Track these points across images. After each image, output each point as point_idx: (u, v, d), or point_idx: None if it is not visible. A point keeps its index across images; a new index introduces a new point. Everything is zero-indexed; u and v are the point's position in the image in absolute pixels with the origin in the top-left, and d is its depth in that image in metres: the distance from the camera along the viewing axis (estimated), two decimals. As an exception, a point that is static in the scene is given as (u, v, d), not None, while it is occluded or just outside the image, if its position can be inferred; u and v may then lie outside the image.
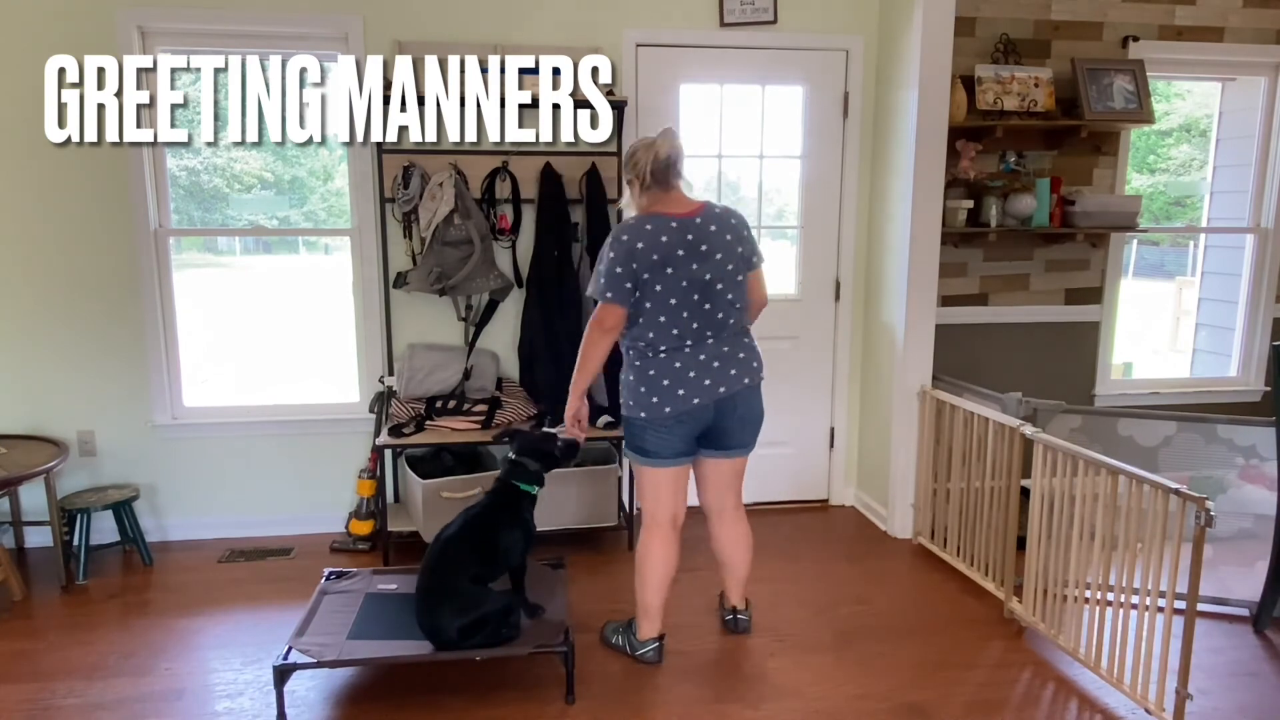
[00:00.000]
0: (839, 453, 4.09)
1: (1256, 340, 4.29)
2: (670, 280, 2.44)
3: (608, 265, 2.46)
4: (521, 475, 2.65)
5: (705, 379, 2.49)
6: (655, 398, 2.49)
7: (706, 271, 2.46)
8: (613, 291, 2.45)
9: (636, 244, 2.43)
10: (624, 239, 2.45)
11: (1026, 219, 3.77)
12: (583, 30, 3.56)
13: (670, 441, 2.54)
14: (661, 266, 2.43)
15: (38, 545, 3.54)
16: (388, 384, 3.56)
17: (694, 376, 2.48)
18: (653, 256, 2.43)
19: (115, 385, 3.53)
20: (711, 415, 2.53)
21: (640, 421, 2.53)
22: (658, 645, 2.68)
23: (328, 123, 2.87)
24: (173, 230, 3.56)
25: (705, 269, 2.46)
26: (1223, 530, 3.31)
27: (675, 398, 2.48)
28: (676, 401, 2.48)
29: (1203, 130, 6.15)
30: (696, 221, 2.48)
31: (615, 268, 2.44)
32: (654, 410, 2.49)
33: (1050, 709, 2.45)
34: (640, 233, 2.44)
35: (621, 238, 2.46)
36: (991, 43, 3.79)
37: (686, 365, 2.48)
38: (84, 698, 2.49)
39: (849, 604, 3.09)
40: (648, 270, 2.43)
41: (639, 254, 2.43)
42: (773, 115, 3.79)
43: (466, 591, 2.44)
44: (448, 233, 3.39)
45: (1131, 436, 3.28)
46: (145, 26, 3.35)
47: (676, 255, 2.44)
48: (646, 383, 2.50)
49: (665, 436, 2.53)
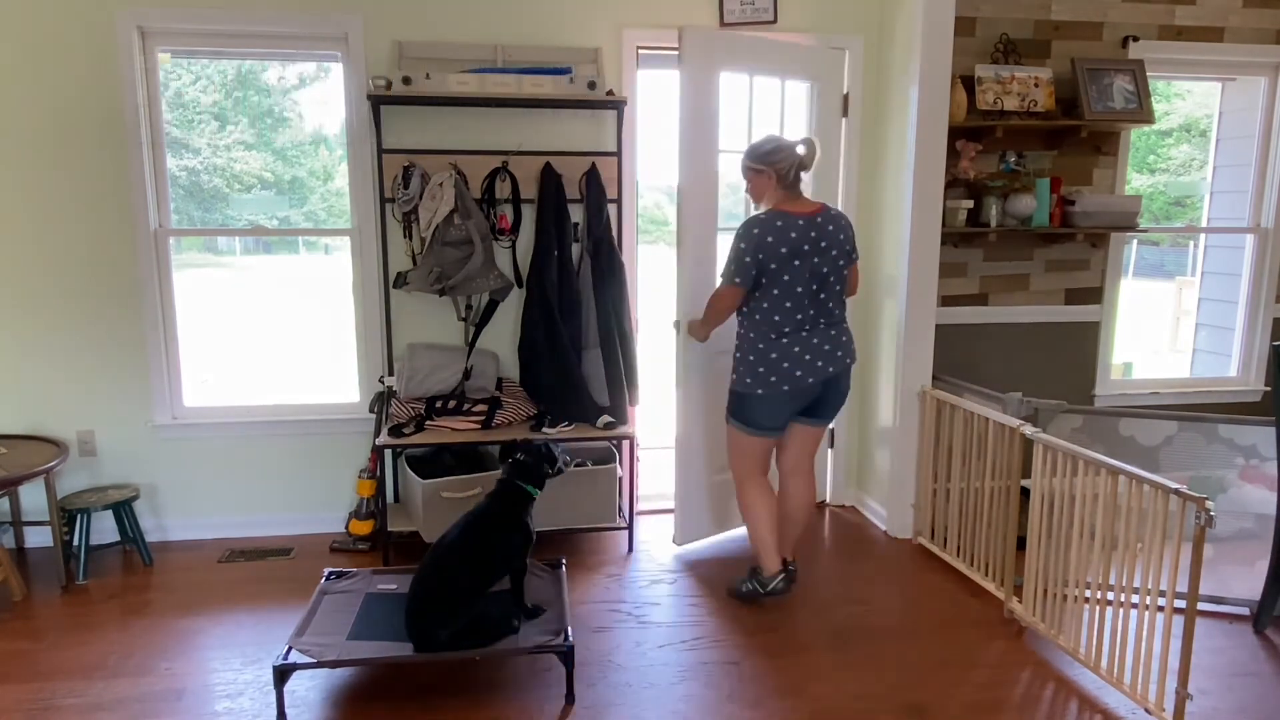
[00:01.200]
0: (839, 453, 4.09)
1: (1256, 340, 4.29)
2: (796, 271, 2.78)
3: (739, 253, 2.79)
4: (524, 475, 2.67)
5: (817, 360, 2.84)
6: (773, 376, 2.83)
7: (824, 265, 2.82)
8: (740, 277, 2.80)
9: (767, 238, 2.76)
10: (756, 232, 2.77)
11: (1026, 219, 3.77)
12: (583, 30, 3.56)
13: (776, 415, 2.91)
14: (790, 259, 2.77)
15: (38, 545, 3.55)
16: (388, 384, 3.56)
17: (808, 358, 2.83)
18: (782, 250, 2.76)
19: (115, 385, 3.53)
20: (817, 391, 2.89)
21: (755, 397, 2.87)
22: (784, 574, 3.03)
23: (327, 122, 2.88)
24: (173, 230, 3.56)
25: (823, 263, 2.82)
26: (1223, 530, 3.32)
27: (792, 377, 2.83)
28: (793, 380, 2.83)
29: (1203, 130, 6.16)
30: (818, 220, 2.82)
31: (745, 257, 2.78)
32: (771, 387, 2.84)
33: (1050, 709, 2.45)
34: (773, 228, 2.77)
35: (754, 231, 2.78)
36: (991, 43, 3.79)
37: (803, 348, 2.83)
38: (84, 698, 2.49)
39: (849, 604, 3.09)
40: (775, 261, 2.77)
41: (768, 247, 2.76)
42: (773, 115, 3.78)
43: (457, 601, 2.45)
44: (448, 233, 3.39)
45: (1132, 436, 3.28)
46: (145, 26, 3.35)
47: (803, 250, 2.78)
48: (765, 362, 2.83)
49: (774, 411, 2.89)
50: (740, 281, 2.81)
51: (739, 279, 2.81)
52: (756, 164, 2.87)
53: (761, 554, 3.02)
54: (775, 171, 2.84)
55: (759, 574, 3.04)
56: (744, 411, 2.93)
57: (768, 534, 3.01)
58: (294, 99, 9.86)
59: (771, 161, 2.84)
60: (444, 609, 2.43)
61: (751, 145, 2.92)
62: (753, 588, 3.05)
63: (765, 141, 2.89)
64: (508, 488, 2.67)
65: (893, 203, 3.65)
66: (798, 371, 2.83)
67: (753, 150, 2.89)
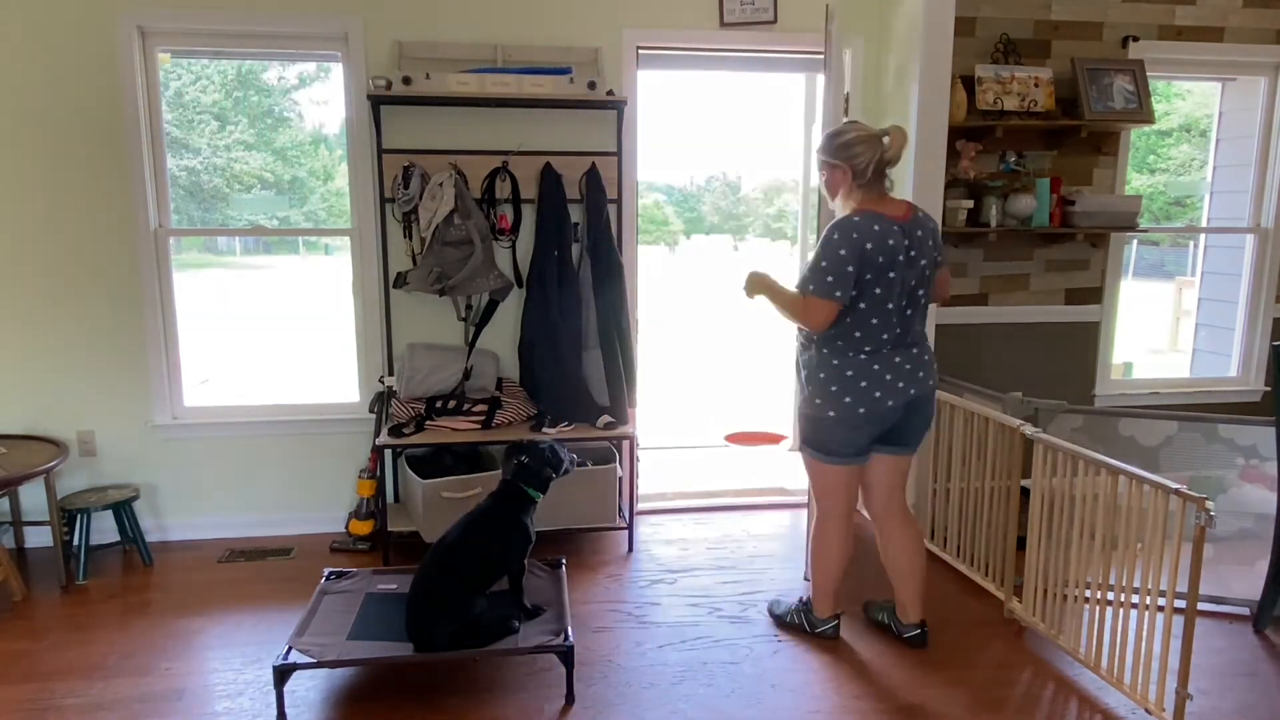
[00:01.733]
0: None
1: (1256, 340, 4.29)
2: (889, 284, 2.43)
3: (838, 260, 2.39)
4: (527, 478, 2.67)
5: (899, 381, 2.51)
6: (849, 397, 2.49)
7: (913, 277, 2.47)
8: (841, 290, 2.40)
9: (866, 244, 2.38)
10: (855, 237, 2.38)
11: (1026, 219, 3.77)
12: (583, 30, 3.56)
13: (856, 440, 2.57)
14: (885, 270, 2.41)
15: (38, 545, 3.54)
16: (388, 384, 3.56)
17: (889, 379, 2.50)
18: (879, 259, 2.40)
19: (115, 385, 3.53)
20: (898, 416, 2.55)
21: (830, 421, 2.54)
22: (836, 622, 2.83)
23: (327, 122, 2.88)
24: (173, 230, 3.56)
25: (913, 274, 2.47)
26: (1223, 530, 3.32)
27: (871, 399, 2.49)
28: (872, 403, 2.49)
29: (1203, 130, 6.16)
30: (909, 225, 2.46)
31: (846, 266, 2.38)
32: (846, 410, 2.50)
33: (1050, 709, 2.45)
34: (870, 233, 2.39)
35: (852, 235, 2.39)
36: (991, 43, 3.79)
37: (884, 367, 2.49)
38: (84, 698, 2.49)
39: (849, 604, 3.09)
40: (871, 271, 2.40)
41: (868, 255, 2.39)
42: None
43: (457, 602, 2.45)
44: (448, 233, 3.39)
45: (1132, 436, 3.28)
46: (145, 26, 3.35)
47: (898, 260, 2.42)
48: (841, 382, 2.50)
49: (852, 436, 2.55)
50: (840, 296, 2.39)
51: (839, 292, 2.39)
52: (830, 157, 2.50)
53: (818, 596, 2.81)
54: (851, 168, 2.45)
55: (810, 611, 2.85)
56: (819, 437, 2.59)
57: (832, 581, 2.76)
58: (294, 99, 9.87)
59: (847, 156, 2.45)
60: (444, 609, 2.43)
61: (827, 133, 2.55)
62: (799, 621, 2.87)
63: (843, 130, 2.50)
64: (509, 489, 2.67)
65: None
66: (877, 393, 2.49)
67: (827, 140, 2.52)
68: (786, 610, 2.92)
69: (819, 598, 2.81)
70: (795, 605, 2.91)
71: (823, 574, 2.76)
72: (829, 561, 2.73)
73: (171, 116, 3.78)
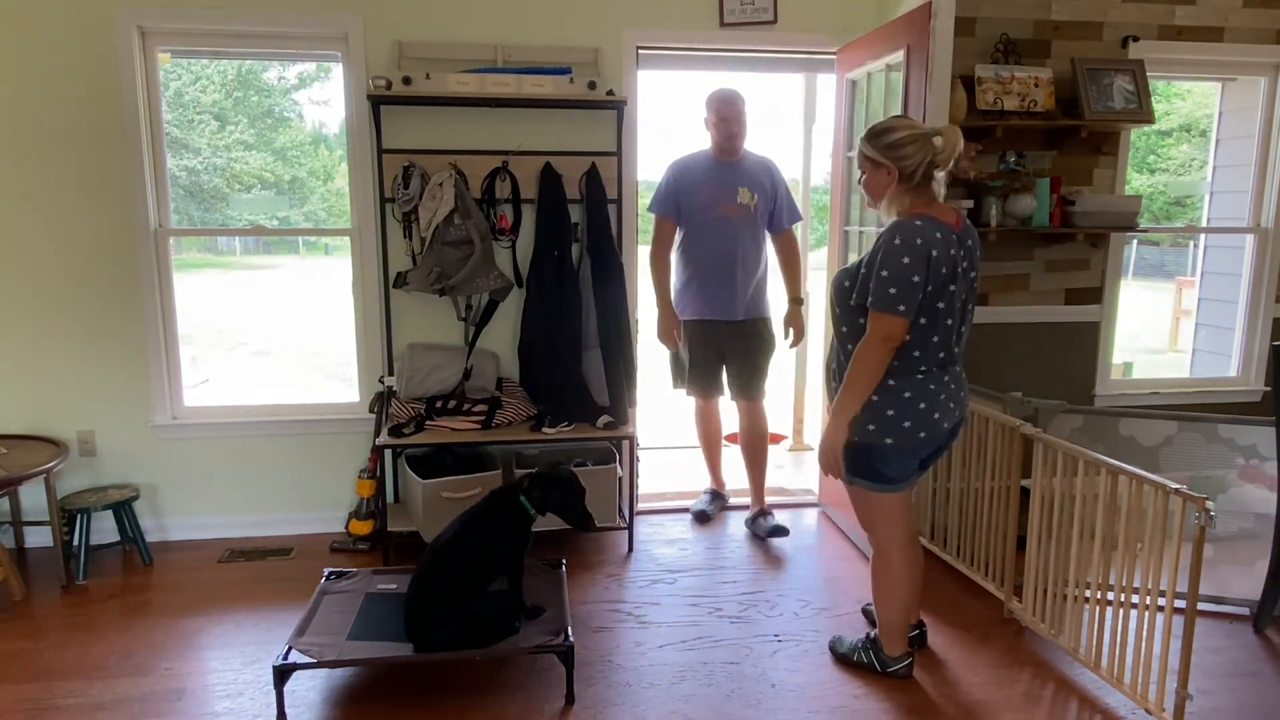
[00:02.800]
0: (839, 453, 4.09)
1: (1256, 340, 4.29)
2: (949, 297, 2.24)
3: (902, 272, 2.16)
4: (531, 496, 2.61)
5: (950, 401, 2.35)
6: (908, 421, 2.30)
7: (964, 289, 2.31)
8: (907, 304, 2.18)
9: (932, 252, 2.18)
10: (919, 243, 2.17)
11: (1026, 219, 3.77)
12: (583, 30, 3.56)
13: (910, 465, 2.40)
14: (948, 281, 2.22)
15: (38, 545, 3.54)
16: (388, 384, 3.56)
17: (943, 399, 2.33)
18: (943, 269, 2.20)
19: (115, 385, 3.53)
20: (945, 439, 2.40)
21: (886, 449, 2.32)
22: (911, 660, 2.62)
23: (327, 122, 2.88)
24: (173, 230, 3.56)
25: (963, 286, 2.30)
26: (1223, 530, 3.32)
27: (929, 421, 2.31)
28: (931, 425, 2.32)
29: (1203, 130, 6.16)
30: (962, 234, 2.30)
31: (913, 276, 2.16)
32: (904, 435, 2.30)
33: (1050, 709, 2.45)
34: (934, 241, 2.18)
35: (916, 242, 2.17)
36: (991, 43, 3.79)
37: (938, 388, 2.32)
38: (84, 698, 2.49)
39: (849, 604, 3.09)
40: (933, 283, 2.19)
41: (934, 264, 2.18)
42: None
43: (453, 601, 2.44)
44: (448, 233, 3.39)
45: (1132, 436, 3.28)
46: (145, 26, 3.35)
47: (957, 271, 2.25)
48: (898, 405, 2.29)
49: (908, 461, 2.37)
50: (906, 310, 2.17)
51: (904, 306, 2.17)
52: (876, 154, 2.27)
53: (890, 634, 2.59)
54: (898, 169, 2.24)
55: (880, 649, 2.62)
56: (872, 465, 2.37)
57: (904, 616, 2.58)
58: (294, 99, 9.87)
59: (896, 156, 2.23)
60: (442, 608, 2.43)
61: (874, 126, 2.31)
62: (868, 660, 2.64)
63: (892, 125, 2.27)
64: (507, 498, 2.62)
65: (893, 203, 3.65)
66: (935, 414, 2.31)
67: (876, 134, 2.29)
68: (852, 648, 2.70)
69: (892, 635, 2.59)
70: (862, 643, 2.69)
71: (895, 610, 2.55)
72: (898, 596, 2.53)
73: (171, 116, 3.78)
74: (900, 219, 2.25)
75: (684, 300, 3.65)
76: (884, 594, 2.55)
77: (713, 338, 3.63)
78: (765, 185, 3.53)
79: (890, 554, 2.50)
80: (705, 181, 3.50)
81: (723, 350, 3.67)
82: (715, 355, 3.68)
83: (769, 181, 3.56)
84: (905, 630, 2.60)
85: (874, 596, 2.58)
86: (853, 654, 2.69)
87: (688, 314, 3.64)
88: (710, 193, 3.48)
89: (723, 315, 3.58)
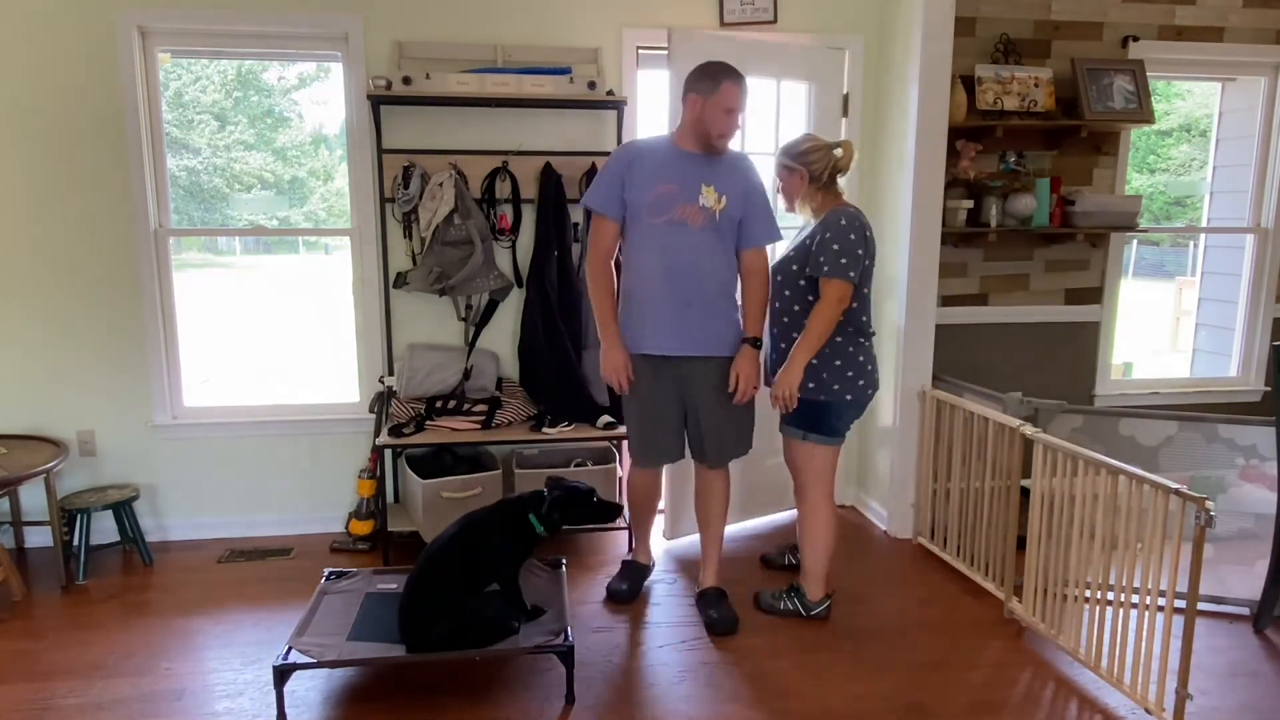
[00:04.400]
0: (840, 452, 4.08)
1: (1256, 340, 4.29)
2: (870, 272, 2.76)
3: (850, 244, 2.64)
4: (549, 519, 2.57)
5: (878, 363, 2.86)
6: (861, 380, 2.76)
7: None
8: (855, 271, 2.65)
9: (867, 232, 2.70)
10: (858, 224, 2.67)
11: (1026, 219, 3.77)
12: (583, 30, 3.56)
13: (853, 419, 2.85)
14: (872, 257, 2.76)
15: (38, 545, 3.55)
16: (388, 384, 3.56)
17: (877, 361, 2.84)
18: (871, 248, 2.74)
19: (115, 385, 3.53)
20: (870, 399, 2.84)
21: (844, 404, 2.76)
22: (830, 602, 2.96)
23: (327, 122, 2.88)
24: (173, 230, 3.56)
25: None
26: (1223, 530, 3.32)
27: (872, 378, 2.80)
28: (874, 383, 2.81)
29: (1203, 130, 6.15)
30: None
31: (857, 249, 2.65)
32: (860, 392, 2.76)
33: (1050, 709, 2.45)
34: (866, 224, 2.71)
35: (857, 224, 2.67)
36: (991, 43, 3.79)
37: (871, 350, 2.81)
38: (84, 698, 2.49)
39: (849, 604, 3.09)
40: (869, 258, 2.72)
41: (870, 242, 2.71)
42: (773, 115, 3.79)
43: (447, 601, 2.43)
44: (448, 233, 3.39)
45: (1132, 436, 3.28)
46: (145, 26, 3.35)
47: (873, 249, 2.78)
48: (854, 366, 2.74)
49: (855, 414, 2.82)
50: (854, 275, 2.65)
51: (853, 273, 2.65)
52: (791, 161, 2.78)
53: (813, 579, 2.93)
54: (809, 171, 2.75)
55: (803, 594, 2.96)
56: (830, 421, 2.79)
57: (828, 562, 2.92)
58: (294, 99, 9.88)
59: (806, 161, 2.75)
60: (434, 609, 2.42)
61: (787, 143, 2.84)
62: (793, 606, 2.97)
63: (801, 140, 2.82)
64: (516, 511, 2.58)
65: (892, 203, 3.65)
66: (875, 372, 2.81)
67: (788, 148, 2.81)
68: (776, 597, 3.00)
69: (815, 580, 2.92)
70: (785, 592, 3.00)
71: (823, 556, 2.90)
72: (828, 543, 2.89)
73: (171, 116, 3.78)
74: (836, 207, 2.73)
75: (625, 331, 2.83)
76: (814, 543, 2.89)
77: (669, 379, 2.82)
78: (737, 186, 2.74)
79: (821, 505, 2.87)
80: (661, 174, 2.69)
81: (683, 398, 2.85)
82: (673, 403, 2.85)
83: (742, 182, 2.76)
84: (825, 574, 2.93)
85: (802, 545, 2.92)
86: (778, 602, 2.99)
87: (632, 348, 2.82)
88: (665, 190, 2.68)
89: (682, 350, 2.77)
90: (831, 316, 2.65)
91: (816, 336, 2.65)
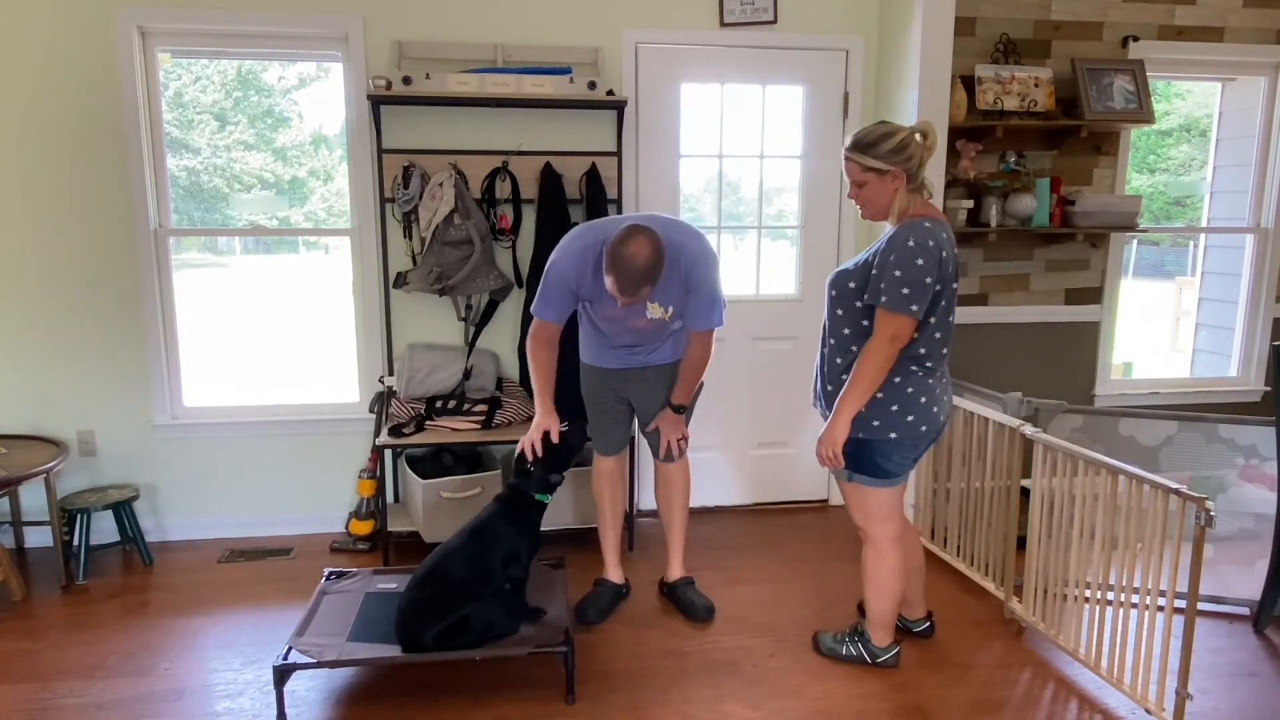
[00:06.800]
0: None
1: (1256, 340, 4.29)
2: (950, 295, 2.29)
3: (917, 271, 2.17)
4: (538, 485, 2.62)
5: (945, 396, 2.42)
6: (911, 416, 2.34)
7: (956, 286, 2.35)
8: (919, 304, 2.19)
9: (942, 252, 2.21)
10: (931, 245, 2.18)
11: (1026, 219, 3.77)
12: (583, 30, 3.56)
13: (909, 460, 2.43)
14: (952, 279, 2.27)
15: (38, 545, 3.55)
16: (388, 384, 3.56)
17: (939, 394, 2.38)
18: (950, 268, 2.25)
19: (115, 385, 3.53)
20: (937, 435, 2.44)
21: (889, 443, 2.36)
22: (899, 649, 2.68)
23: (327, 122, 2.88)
24: (173, 230, 3.56)
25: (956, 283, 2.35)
26: (1223, 530, 3.32)
27: (929, 416, 2.36)
28: (930, 420, 2.36)
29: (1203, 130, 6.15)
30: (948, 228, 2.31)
31: (926, 278, 2.18)
32: (908, 430, 2.35)
33: (1050, 709, 2.45)
34: (943, 241, 2.22)
35: (929, 244, 2.18)
36: (991, 43, 3.79)
37: (936, 383, 2.37)
38: (84, 698, 2.49)
39: (849, 604, 3.09)
40: (942, 282, 2.23)
41: (944, 264, 2.22)
42: (773, 115, 3.79)
43: (443, 603, 2.43)
44: (448, 233, 3.39)
45: (1132, 436, 3.28)
46: (145, 26, 3.35)
47: (956, 267, 2.29)
48: (903, 401, 2.33)
49: (908, 455, 2.41)
50: (918, 310, 2.19)
51: (916, 306, 2.18)
52: (881, 163, 2.23)
53: (879, 626, 2.63)
54: (906, 171, 2.23)
55: (867, 641, 2.66)
56: (875, 460, 2.40)
57: (895, 609, 2.62)
58: (294, 99, 9.87)
59: (903, 158, 2.22)
60: (430, 611, 2.41)
61: (858, 138, 2.27)
62: (857, 653, 2.68)
63: (884, 132, 2.24)
64: (515, 495, 2.61)
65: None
66: (934, 408, 2.36)
67: (870, 144, 2.24)
68: (839, 641, 2.73)
69: (881, 627, 2.63)
70: (848, 636, 2.73)
71: (887, 603, 2.59)
72: (893, 589, 2.57)
73: (171, 116, 3.78)
74: (911, 219, 2.25)
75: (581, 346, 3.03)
76: (878, 587, 2.58)
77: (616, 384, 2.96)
78: (677, 294, 2.68)
79: (885, 548, 2.53)
80: (609, 301, 2.68)
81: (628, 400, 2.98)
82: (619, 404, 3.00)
83: (679, 288, 2.68)
84: (894, 622, 2.65)
85: (866, 589, 2.61)
86: (840, 647, 2.72)
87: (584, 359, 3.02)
88: (614, 314, 2.73)
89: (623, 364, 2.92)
90: (884, 358, 2.24)
91: (866, 382, 2.26)
